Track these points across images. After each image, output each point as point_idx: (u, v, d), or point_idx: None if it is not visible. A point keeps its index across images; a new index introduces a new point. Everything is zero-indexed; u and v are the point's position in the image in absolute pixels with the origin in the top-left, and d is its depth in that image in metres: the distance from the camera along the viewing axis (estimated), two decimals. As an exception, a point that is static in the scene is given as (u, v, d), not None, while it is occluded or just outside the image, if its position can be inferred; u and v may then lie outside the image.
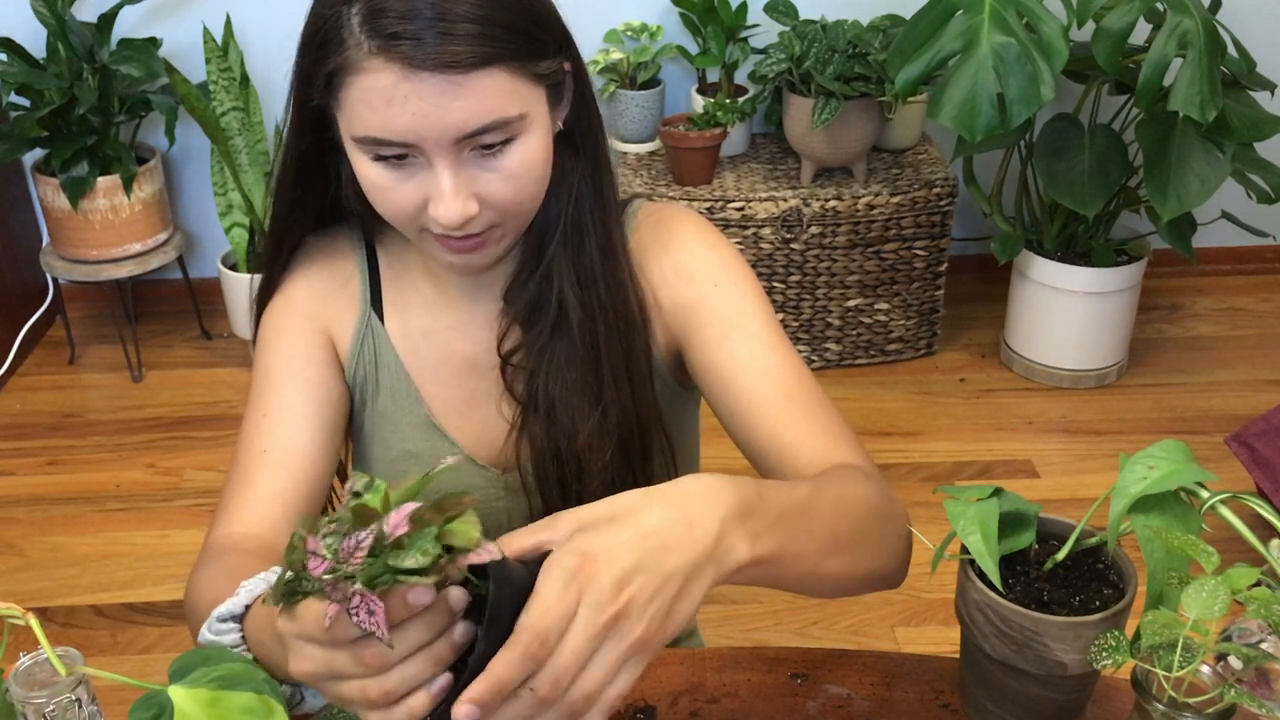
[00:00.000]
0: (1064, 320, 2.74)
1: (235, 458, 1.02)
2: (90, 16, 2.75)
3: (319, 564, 0.61)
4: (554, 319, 1.01)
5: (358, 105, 0.86)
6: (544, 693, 0.64)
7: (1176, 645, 0.73)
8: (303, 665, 0.66)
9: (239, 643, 0.81)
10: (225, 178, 2.87)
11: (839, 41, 2.60)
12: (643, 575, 0.67)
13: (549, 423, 1.02)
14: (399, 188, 0.90)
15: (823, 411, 0.99)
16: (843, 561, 0.85)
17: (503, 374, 1.05)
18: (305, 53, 0.90)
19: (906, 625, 2.12)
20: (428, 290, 1.08)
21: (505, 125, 0.88)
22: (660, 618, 0.68)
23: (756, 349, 1.01)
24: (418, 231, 0.94)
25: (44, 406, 2.84)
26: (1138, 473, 0.79)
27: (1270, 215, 2.73)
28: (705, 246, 1.06)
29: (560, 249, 1.01)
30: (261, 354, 1.06)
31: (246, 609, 0.82)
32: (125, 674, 0.73)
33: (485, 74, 0.85)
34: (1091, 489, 2.43)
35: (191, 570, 0.96)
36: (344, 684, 0.65)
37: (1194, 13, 2.29)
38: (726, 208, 2.68)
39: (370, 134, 0.87)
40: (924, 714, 0.92)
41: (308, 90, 0.91)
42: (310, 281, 1.08)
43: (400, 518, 0.61)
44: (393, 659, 0.64)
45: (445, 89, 0.84)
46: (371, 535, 0.60)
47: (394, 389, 1.09)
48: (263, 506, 0.98)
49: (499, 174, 0.90)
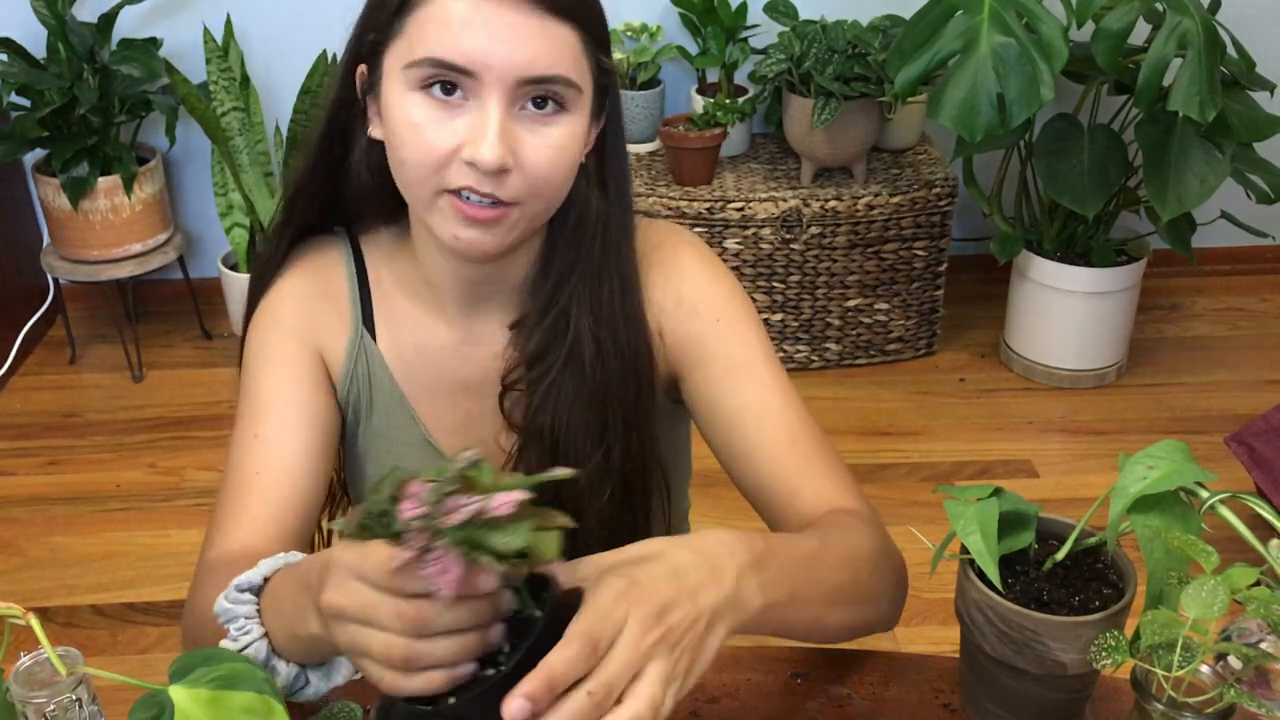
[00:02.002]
0: (1064, 320, 2.74)
1: (226, 479, 1.00)
2: (90, 16, 2.75)
3: (413, 508, 0.61)
4: (566, 355, 1.00)
5: (430, 24, 0.86)
6: (600, 696, 0.65)
7: (1176, 645, 0.73)
8: (338, 599, 0.67)
9: (254, 613, 0.81)
10: (225, 178, 2.87)
11: (839, 42, 2.60)
12: (680, 608, 0.70)
13: (550, 458, 1.02)
14: (437, 128, 0.87)
15: (824, 454, 1.00)
16: (844, 612, 0.88)
17: (500, 401, 1.04)
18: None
19: (906, 625, 2.12)
20: (421, 305, 1.05)
21: (566, 86, 0.88)
22: (693, 650, 0.70)
23: (759, 390, 1.01)
24: (434, 194, 0.90)
25: (44, 406, 2.84)
26: (1137, 473, 0.79)
27: (1270, 215, 2.72)
28: (706, 279, 1.05)
29: (579, 288, 1.00)
30: (250, 371, 1.04)
31: (265, 581, 0.83)
32: (125, 674, 0.73)
33: (563, 26, 0.87)
34: (1091, 489, 2.43)
35: (189, 591, 0.95)
36: (371, 633, 0.66)
37: (1193, 13, 2.29)
38: (726, 208, 2.68)
39: (434, 54, 0.86)
40: (924, 714, 0.92)
41: (371, 17, 0.91)
42: (298, 296, 1.05)
43: (509, 500, 0.61)
44: (431, 627, 0.64)
45: (525, 22, 0.85)
46: (477, 504, 0.61)
47: (389, 408, 1.07)
48: (258, 528, 0.97)
49: (542, 140, 0.89)
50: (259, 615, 0.81)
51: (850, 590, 0.88)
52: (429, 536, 0.61)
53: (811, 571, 0.84)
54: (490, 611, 0.66)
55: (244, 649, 0.80)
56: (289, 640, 0.79)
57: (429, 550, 0.61)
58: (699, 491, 1.28)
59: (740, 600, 0.75)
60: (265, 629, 0.81)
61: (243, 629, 0.81)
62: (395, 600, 0.65)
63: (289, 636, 0.79)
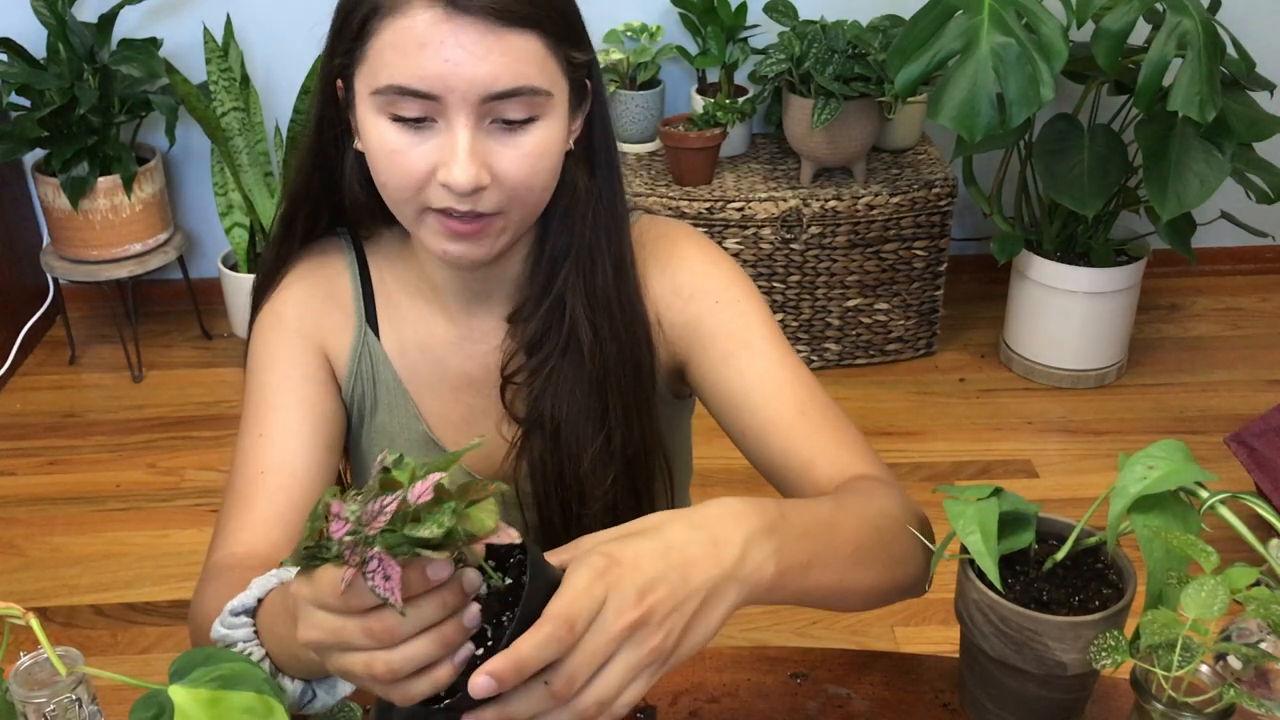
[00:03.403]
0: (1063, 320, 2.74)
1: (232, 479, 1.00)
2: (91, 16, 2.75)
3: (341, 527, 0.61)
4: (564, 343, 1.00)
5: (388, 51, 0.85)
6: (557, 687, 0.64)
7: (1176, 645, 0.73)
8: (311, 633, 0.66)
9: (251, 636, 0.81)
10: (225, 178, 2.87)
11: (839, 42, 2.60)
12: (665, 586, 0.68)
13: (553, 446, 1.02)
14: (411, 151, 0.87)
15: (835, 423, 0.99)
16: (869, 574, 0.85)
17: (502, 393, 1.04)
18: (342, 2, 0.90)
19: (906, 625, 2.12)
20: (423, 303, 1.06)
21: (533, 96, 0.87)
22: (678, 631, 0.69)
23: (764, 366, 1.00)
24: (418, 212, 0.91)
25: (44, 406, 2.84)
26: (1137, 473, 0.79)
27: (1270, 215, 2.73)
28: (704, 264, 1.04)
29: (573, 272, 0.99)
30: (254, 371, 1.04)
31: (259, 603, 0.82)
32: (125, 674, 0.73)
33: (524, 36, 0.85)
34: (1091, 489, 2.43)
35: (194, 593, 0.95)
36: (351, 655, 0.65)
37: (1193, 13, 2.29)
38: (726, 208, 2.68)
39: (396, 82, 0.85)
40: (924, 714, 0.92)
41: (335, 44, 0.91)
42: (301, 297, 1.05)
43: (424, 488, 0.61)
44: (401, 633, 0.63)
45: (483, 39, 0.83)
46: (396, 501, 0.60)
47: (392, 405, 1.08)
48: (264, 528, 0.97)
49: (517, 151, 0.88)
50: (257, 637, 0.81)
51: (874, 551, 0.85)
52: (361, 548, 0.61)
53: (830, 534, 0.81)
54: (456, 597, 0.65)
55: None
56: (289, 659, 0.79)
57: (365, 562, 0.61)
58: (699, 492, 1.27)
59: (748, 571, 0.73)
60: (265, 650, 0.81)
61: (244, 652, 0.80)
62: (358, 619, 0.64)
63: (288, 656, 0.79)
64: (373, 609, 0.64)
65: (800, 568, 0.77)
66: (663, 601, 0.68)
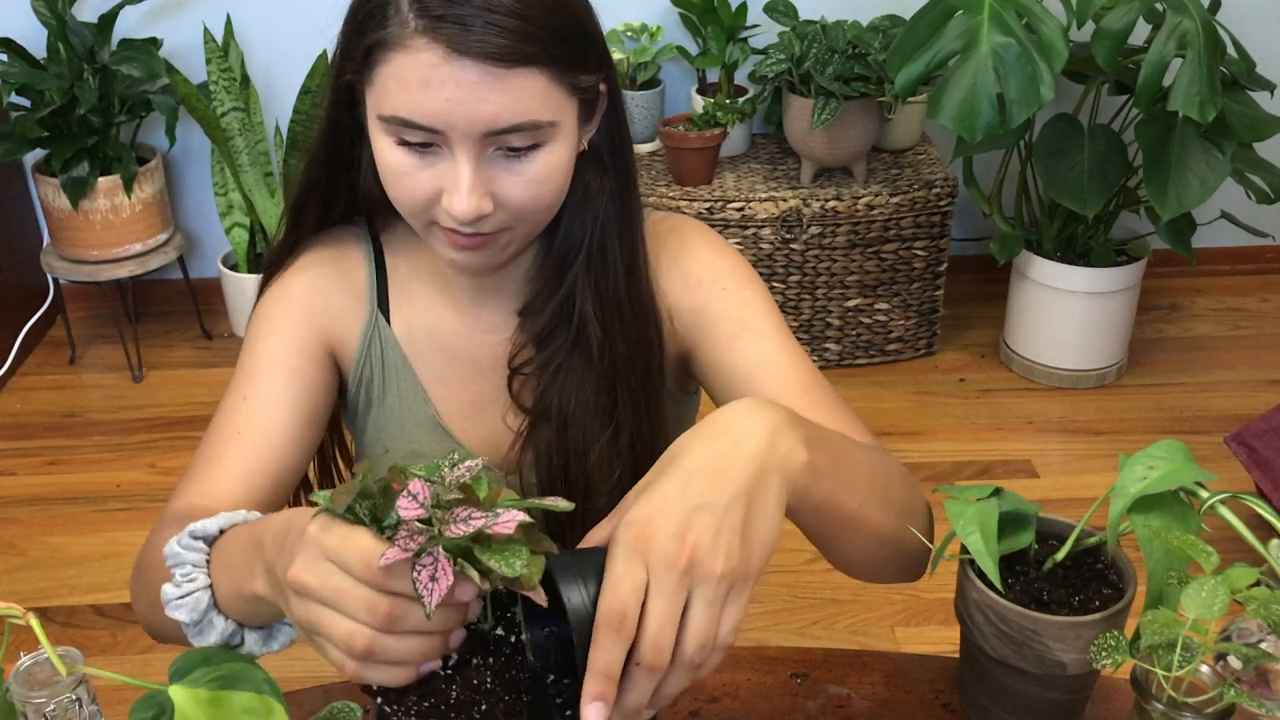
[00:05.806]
0: (1063, 320, 2.74)
1: (208, 434, 1.01)
2: (91, 17, 2.75)
3: (412, 507, 0.61)
4: (573, 339, 1.01)
5: (391, 83, 0.86)
6: (650, 660, 0.64)
7: (1176, 645, 0.73)
8: (308, 577, 0.65)
9: (202, 562, 0.80)
10: (226, 178, 2.87)
11: (839, 42, 2.60)
12: (699, 515, 0.67)
13: (560, 438, 1.02)
14: (416, 175, 0.89)
15: (838, 406, 0.99)
16: (881, 514, 0.84)
17: (509, 383, 1.05)
18: (349, 23, 0.90)
19: (906, 625, 2.12)
20: (435, 291, 1.08)
21: (535, 129, 0.87)
22: (735, 546, 0.67)
23: (768, 348, 1.01)
24: (426, 224, 0.93)
25: (44, 406, 2.84)
26: (1137, 473, 0.79)
27: (1270, 215, 2.73)
28: (712, 254, 1.06)
29: (584, 269, 1.00)
30: (252, 338, 1.05)
31: (221, 533, 0.81)
32: (125, 674, 0.73)
33: (525, 73, 0.85)
34: (1091, 489, 2.43)
35: (147, 537, 0.95)
36: (336, 618, 0.65)
37: (1194, 13, 2.29)
38: (726, 208, 2.68)
39: (399, 114, 0.86)
40: (924, 714, 0.92)
41: (344, 62, 0.91)
42: (313, 277, 1.07)
43: (510, 522, 0.61)
44: (404, 626, 0.64)
45: (484, 79, 0.84)
46: (483, 520, 0.61)
47: (400, 390, 1.09)
48: (229, 485, 0.97)
49: (520, 178, 0.89)
50: (207, 565, 0.80)
51: (887, 491, 0.85)
52: (427, 541, 0.61)
53: (849, 455, 0.81)
54: (459, 619, 0.66)
55: (185, 595, 0.79)
56: (233, 597, 0.78)
57: (420, 553, 0.61)
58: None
59: (780, 458, 0.72)
60: (211, 580, 0.80)
61: (188, 575, 0.79)
62: (370, 592, 0.63)
63: (233, 593, 0.77)
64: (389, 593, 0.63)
65: (828, 468, 0.76)
66: (704, 532, 0.66)
